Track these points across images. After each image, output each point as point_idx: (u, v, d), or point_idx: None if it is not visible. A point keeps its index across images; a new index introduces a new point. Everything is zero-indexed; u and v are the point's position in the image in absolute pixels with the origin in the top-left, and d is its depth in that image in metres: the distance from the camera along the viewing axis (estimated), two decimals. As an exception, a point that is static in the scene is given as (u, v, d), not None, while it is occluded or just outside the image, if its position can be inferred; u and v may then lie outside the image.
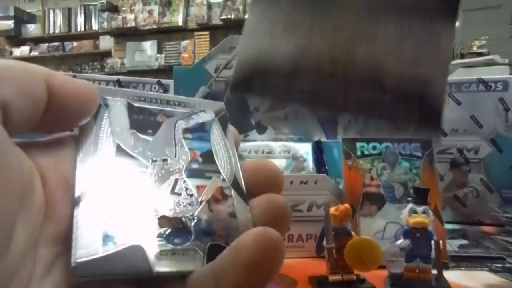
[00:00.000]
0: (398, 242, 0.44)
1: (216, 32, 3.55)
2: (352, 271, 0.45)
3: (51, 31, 4.35)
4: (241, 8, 3.39)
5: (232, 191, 0.21)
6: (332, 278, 0.45)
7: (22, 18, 4.42)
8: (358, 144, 0.59)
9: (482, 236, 0.65)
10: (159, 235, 0.18)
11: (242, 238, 0.17)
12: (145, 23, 3.71)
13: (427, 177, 0.57)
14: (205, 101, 0.24)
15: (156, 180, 0.20)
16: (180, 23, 3.66)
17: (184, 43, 3.65)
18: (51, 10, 4.37)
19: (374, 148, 0.59)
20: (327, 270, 0.45)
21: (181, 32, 3.72)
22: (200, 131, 0.22)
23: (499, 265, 0.53)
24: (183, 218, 0.19)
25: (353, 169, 0.57)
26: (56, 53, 4.34)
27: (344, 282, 0.44)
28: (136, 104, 0.22)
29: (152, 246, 0.18)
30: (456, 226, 0.70)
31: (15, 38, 4.41)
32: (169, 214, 0.19)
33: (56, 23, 4.34)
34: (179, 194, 0.20)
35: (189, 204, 0.19)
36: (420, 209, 0.44)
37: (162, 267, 0.17)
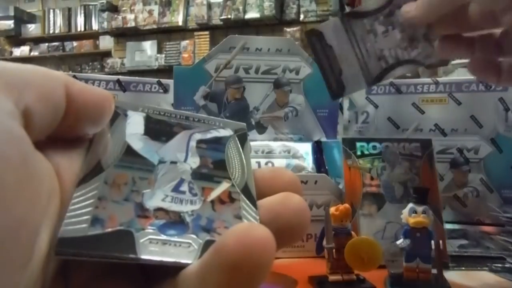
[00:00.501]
0: (398, 242, 0.44)
1: (216, 32, 3.55)
2: (352, 271, 0.45)
3: (51, 31, 4.35)
4: (241, 8, 3.39)
5: (241, 195, 0.20)
6: (332, 278, 0.45)
7: (22, 18, 4.42)
8: (358, 144, 0.59)
9: (482, 236, 0.65)
10: (152, 225, 0.17)
11: (225, 236, 0.15)
12: (145, 23, 3.71)
13: (427, 177, 0.57)
14: (226, 121, 0.24)
15: (160, 178, 0.19)
16: (180, 23, 3.66)
17: (184, 43, 3.65)
18: (51, 10, 4.37)
19: (374, 148, 0.59)
20: (327, 270, 0.45)
21: (181, 32, 3.72)
22: (215, 144, 0.22)
23: (499, 265, 0.53)
24: (181, 213, 0.18)
25: (353, 169, 0.57)
26: (56, 53, 4.34)
27: (344, 282, 0.44)
28: (154, 117, 0.22)
29: (142, 234, 0.17)
30: (456, 226, 0.70)
31: (15, 38, 4.41)
32: (167, 207, 0.18)
33: (56, 23, 4.34)
34: (183, 192, 0.19)
35: (191, 202, 0.19)
36: (420, 209, 0.44)
37: (149, 255, 0.16)
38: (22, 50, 4.37)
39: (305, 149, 0.70)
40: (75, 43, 4.30)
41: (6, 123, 0.15)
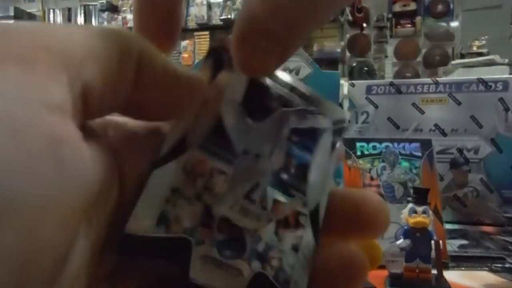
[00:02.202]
0: (398, 242, 0.44)
1: (216, 32, 3.55)
2: (352, 271, 0.45)
3: (51, 31, 4.36)
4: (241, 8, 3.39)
5: (308, 221, 0.17)
6: (332, 278, 0.45)
7: (22, 18, 4.42)
8: (358, 144, 0.59)
9: (482, 236, 0.65)
10: (212, 239, 0.15)
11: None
12: (145, 23, 3.71)
13: (427, 177, 0.57)
14: (329, 104, 0.19)
15: (237, 175, 0.17)
16: (180, 23, 3.66)
17: (184, 43, 3.65)
18: (51, 10, 4.37)
19: (374, 148, 0.59)
20: (327, 270, 0.45)
21: (181, 32, 3.73)
22: (308, 137, 0.18)
23: (499, 265, 0.53)
24: (244, 229, 0.16)
25: (353, 169, 0.57)
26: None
27: (344, 282, 0.44)
28: (257, 78, 0.18)
29: (200, 249, 0.15)
30: (456, 226, 0.70)
31: (15, 38, 4.41)
32: (233, 218, 0.16)
33: (56, 23, 4.35)
34: (253, 202, 0.16)
35: (257, 217, 0.16)
36: (420, 209, 0.44)
37: (198, 276, 0.15)
38: (22, 50, 4.37)
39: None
40: (75, 43, 4.30)
41: (44, 125, 0.11)
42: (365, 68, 2.48)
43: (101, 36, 0.14)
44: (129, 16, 3.75)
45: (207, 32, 3.61)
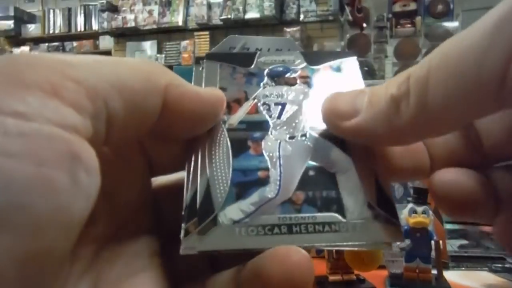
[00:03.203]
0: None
1: (216, 32, 3.55)
2: (352, 271, 0.45)
3: (51, 31, 4.35)
4: (241, 8, 3.39)
5: None
6: (332, 278, 0.45)
7: (22, 18, 4.42)
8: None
9: (482, 236, 0.65)
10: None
11: (265, 260, 0.15)
12: (145, 23, 3.71)
13: (427, 177, 0.57)
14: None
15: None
16: (180, 23, 3.66)
17: (184, 43, 3.65)
18: (51, 10, 4.37)
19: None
20: (327, 270, 0.45)
21: (181, 32, 3.72)
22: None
23: (499, 265, 0.53)
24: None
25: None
26: (56, 53, 4.34)
27: (344, 282, 0.44)
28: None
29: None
30: (456, 226, 0.70)
31: (15, 38, 4.41)
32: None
33: (56, 23, 4.34)
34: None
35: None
36: (420, 209, 0.44)
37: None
38: (22, 50, 4.36)
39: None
40: (75, 43, 4.29)
41: (60, 141, 0.12)
42: (365, 68, 2.48)
43: (129, 70, 0.15)
44: (129, 16, 3.74)
45: (207, 32, 3.61)
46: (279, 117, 0.20)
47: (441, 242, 0.44)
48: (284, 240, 0.16)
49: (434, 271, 0.43)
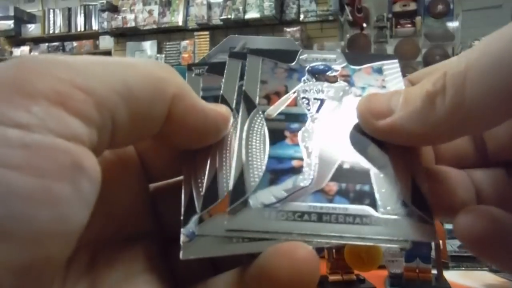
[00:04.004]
0: (398, 242, 0.44)
1: (216, 32, 3.55)
2: (352, 271, 0.45)
3: (51, 31, 4.35)
4: (241, 8, 3.39)
5: None
6: (332, 278, 0.45)
7: (22, 18, 4.42)
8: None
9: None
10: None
11: (272, 257, 0.15)
12: (145, 23, 3.71)
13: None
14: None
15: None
16: (180, 23, 3.66)
17: (184, 43, 3.65)
18: (51, 10, 4.37)
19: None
20: (327, 270, 0.45)
21: (181, 32, 3.72)
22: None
23: (499, 265, 0.53)
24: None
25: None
26: (56, 53, 4.34)
27: (344, 282, 0.44)
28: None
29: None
30: (456, 226, 0.70)
31: (15, 38, 4.41)
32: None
33: (56, 23, 4.34)
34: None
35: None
36: (420, 209, 0.44)
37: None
38: (22, 50, 4.36)
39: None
40: (75, 43, 4.30)
41: (63, 151, 0.12)
42: (365, 68, 2.47)
43: (138, 77, 0.15)
44: (129, 16, 3.74)
45: (207, 32, 3.61)
46: (317, 111, 0.20)
47: (441, 242, 0.44)
48: (313, 227, 0.17)
49: (434, 271, 0.43)
